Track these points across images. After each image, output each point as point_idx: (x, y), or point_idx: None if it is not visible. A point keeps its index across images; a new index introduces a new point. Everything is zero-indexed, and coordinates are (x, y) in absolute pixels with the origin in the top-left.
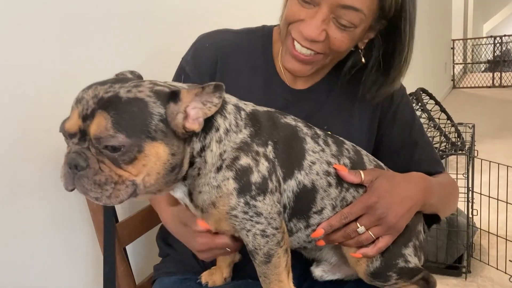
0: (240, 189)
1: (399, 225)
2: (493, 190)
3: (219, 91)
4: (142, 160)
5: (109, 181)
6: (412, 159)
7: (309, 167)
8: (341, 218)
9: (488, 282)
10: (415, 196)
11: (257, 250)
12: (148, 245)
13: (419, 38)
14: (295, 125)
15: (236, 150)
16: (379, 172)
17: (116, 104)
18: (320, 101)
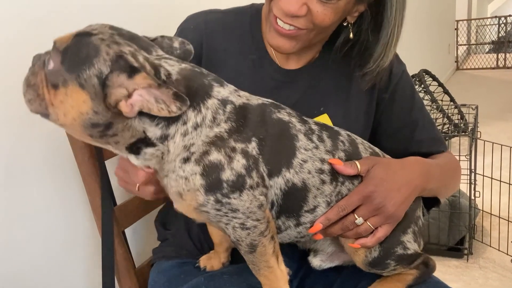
0: (208, 186)
1: (398, 214)
2: (496, 171)
3: (180, 103)
4: (62, 95)
5: (35, 88)
6: (413, 139)
7: (300, 165)
8: (338, 210)
9: (490, 263)
10: (413, 182)
11: (239, 242)
12: (147, 228)
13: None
14: (288, 121)
15: (206, 145)
16: (374, 160)
17: (82, 39)
18: (313, 81)
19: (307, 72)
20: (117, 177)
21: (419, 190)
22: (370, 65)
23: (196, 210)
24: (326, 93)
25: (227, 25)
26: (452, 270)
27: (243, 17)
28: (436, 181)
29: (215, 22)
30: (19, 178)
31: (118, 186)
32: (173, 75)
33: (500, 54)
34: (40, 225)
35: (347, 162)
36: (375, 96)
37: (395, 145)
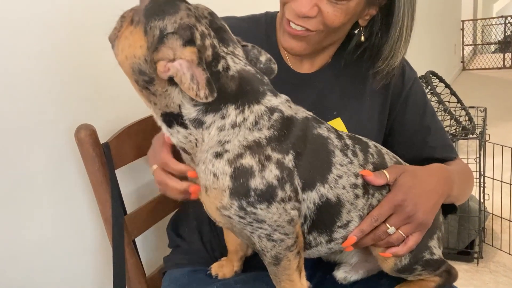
0: (234, 190)
1: (428, 221)
2: (506, 173)
3: (209, 92)
4: (129, 31)
5: (122, 19)
6: (426, 145)
7: (335, 181)
8: (371, 221)
9: (501, 267)
10: (440, 189)
11: (264, 252)
12: (158, 237)
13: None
14: (327, 137)
15: (243, 147)
16: (401, 168)
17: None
18: (327, 85)
19: (320, 76)
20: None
21: (445, 196)
22: (380, 64)
23: (218, 211)
24: (339, 97)
25: (242, 31)
26: (462, 275)
27: (258, 23)
28: (457, 187)
29: (232, 28)
30: (30, 187)
31: (128, 195)
32: (231, 71)
33: (506, 53)
34: (50, 234)
35: (376, 172)
36: (388, 102)
37: (409, 151)
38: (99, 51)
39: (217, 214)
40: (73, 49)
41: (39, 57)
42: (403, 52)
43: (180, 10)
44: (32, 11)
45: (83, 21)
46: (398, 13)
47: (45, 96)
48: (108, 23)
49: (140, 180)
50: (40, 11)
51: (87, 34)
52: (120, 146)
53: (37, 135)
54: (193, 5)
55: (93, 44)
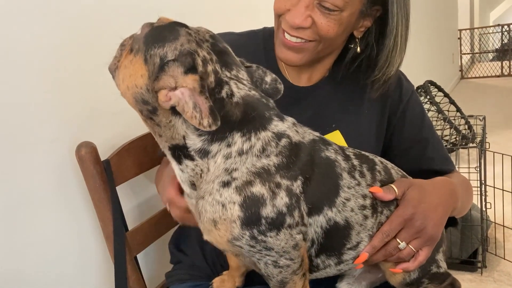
0: (245, 220)
1: (437, 234)
2: (507, 182)
3: (212, 120)
4: (128, 60)
5: (122, 47)
6: (424, 157)
7: (343, 204)
8: (383, 237)
9: (505, 276)
10: (446, 202)
11: (270, 277)
12: (159, 252)
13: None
14: (334, 159)
15: (252, 174)
16: (408, 182)
17: (174, 26)
18: (326, 98)
19: (319, 90)
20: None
21: (451, 209)
22: (376, 73)
23: (229, 243)
24: (338, 110)
25: (241, 45)
26: (467, 284)
27: (256, 38)
28: (461, 200)
29: (230, 43)
30: (31, 204)
31: (129, 211)
32: (235, 97)
33: (504, 62)
34: (52, 252)
35: (385, 187)
36: (386, 115)
37: (407, 163)
38: (100, 67)
39: (228, 246)
40: (73, 66)
41: (40, 75)
42: (398, 61)
43: (180, 36)
44: (32, 29)
45: (84, 39)
46: (392, 23)
47: (46, 114)
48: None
49: (141, 196)
50: (41, 29)
51: (88, 51)
52: (121, 163)
53: (38, 153)
54: (194, 29)
55: (93, 61)
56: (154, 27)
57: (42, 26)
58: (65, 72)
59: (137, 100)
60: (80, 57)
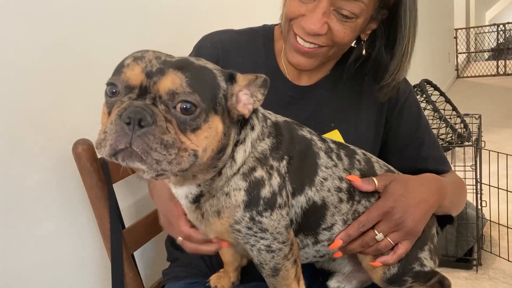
0: (248, 202)
1: (417, 229)
2: (502, 180)
3: (264, 87)
4: (205, 131)
5: (175, 145)
6: (419, 156)
7: (321, 183)
8: (358, 226)
9: (500, 274)
10: (431, 199)
11: (263, 265)
12: (156, 250)
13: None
14: (310, 138)
15: (255, 160)
16: (392, 176)
17: (189, 67)
18: (325, 97)
19: (318, 89)
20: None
21: (436, 206)
22: (387, 78)
23: (229, 228)
24: (336, 109)
25: (241, 43)
26: (462, 282)
27: (256, 36)
28: (450, 197)
29: (230, 41)
30: (29, 202)
31: (126, 209)
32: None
33: (500, 61)
34: (49, 249)
35: (365, 178)
36: (384, 113)
37: (403, 161)
38: (96, 65)
39: (228, 232)
40: (70, 64)
41: (37, 73)
42: (407, 67)
43: (209, 65)
44: (28, 26)
45: (79, 37)
46: (405, 29)
47: (43, 111)
48: (105, 38)
49: (138, 194)
50: (37, 27)
51: (84, 48)
52: None
53: (35, 151)
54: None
55: (89, 58)
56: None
57: (38, 24)
58: (61, 70)
59: (216, 154)
60: (77, 55)
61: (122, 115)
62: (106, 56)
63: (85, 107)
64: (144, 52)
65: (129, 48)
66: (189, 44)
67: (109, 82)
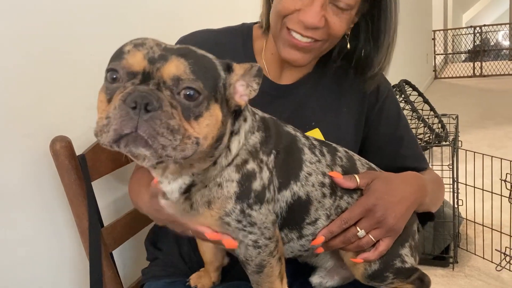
0: (239, 195)
1: (398, 227)
2: (478, 179)
3: (259, 76)
4: (207, 119)
5: (180, 131)
6: (399, 155)
7: (305, 178)
8: (341, 223)
9: (475, 271)
10: (412, 196)
11: (248, 261)
12: (135, 249)
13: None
14: (294, 135)
15: (248, 153)
16: (374, 174)
17: (191, 54)
18: (306, 96)
19: (300, 88)
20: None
21: (417, 204)
22: (375, 68)
23: (219, 221)
24: (318, 108)
25: (219, 44)
26: (439, 279)
27: (235, 35)
28: (430, 196)
29: (209, 41)
30: (6, 200)
31: (104, 207)
32: None
33: (476, 63)
34: (26, 248)
35: (347, 175)
36: (364, 112)
37: (382, 160)
38: (75, 61)
39: (215, 225)
40: (48, 60)
41: (13, 68)
42: (392, 56)
43: (209, 55)
44: (5, 22)
45: (57, 32)
46: (390, 18)
47: (19, 107)
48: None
49: (116, 192)
50: (14, 24)
51: (61, 44)
52: (97, 158)
53: (13, 148)
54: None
55: (68, 55)
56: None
57: (15, 20)
58: (38, 65)
59: (215, 142)
60: (54, 51)
61: (127, 99)
62: (85, 53)
63: (63, 103)
64: (144, 39)
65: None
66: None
67: (109, 68)
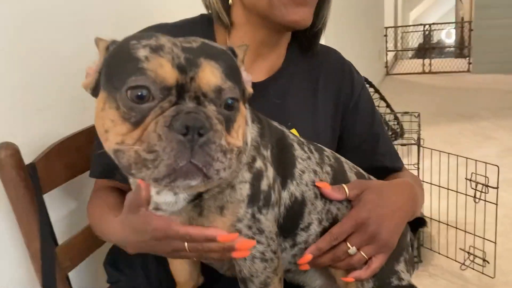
0: (251, 197)
1: (392, 242)
2: (435, 176)
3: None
4: (239, 121)
5: (230, 149)
6: (376, 153)
7: (300, 176)
8: (330, 239)
9: (439, 270)
10: (405, 207)
11: (252, 278)
12: (94, 270)
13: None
14: (282, 130)
15: (253, 148)
16: (364, 184)
17: (217, 54)
18: (281, 94)
19: (272, 85)
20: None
21: (410, 214)
22: (319, 22)
23: (230, 228)
24: (293, 107)
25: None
26: None
27: (194, 28)
28: (420, 203)
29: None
30: None
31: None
32: None
33: (425, 60)
34: None
35: (335, 186)
36: (340, 109)
37: (359, 158)
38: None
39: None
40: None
41: None
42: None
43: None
44: None
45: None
46: None
47: None
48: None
49: (71, 204)
50: None
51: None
52: (49, 167)
53: None
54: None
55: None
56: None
57: None
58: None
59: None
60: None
61: (175, 125)
62: (32, 50)
63: (8, 105)
64: (156, 39)
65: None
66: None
67: (134, 86)
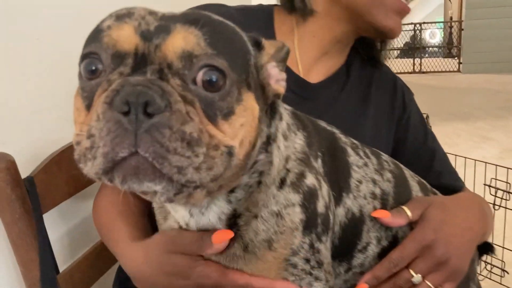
0: (306, 223)
1: (463, 267)
2: None
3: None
4: (241, 116)
5: (202, 139)
6: (432, 170)
7: (356, 188)
8: (389, 266)
9: None
10: (476, 226)
11: None
12: None
13: None
14: (332, 131)
15: (300, 162)
16: (426, 201)
17: (206, 20)
18: (332, 99)
19: (327, 88)
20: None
21: (481, 235)
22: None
23: (284, 263)
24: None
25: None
26: None
27: (254, 17)
28: (491, 223)
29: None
30: None
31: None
32: None
33: (416, 59)
34: None
35: (393, 210)
36: (394, 119)
37: None
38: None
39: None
40: None
41: None
42: None
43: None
44: None
45: None
46: None
47: None
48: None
49: (73, 224)
50: None
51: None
52: (49, 181)
53: None
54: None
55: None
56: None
57: None
58: None
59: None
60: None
61: (114, 100)
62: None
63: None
64: (130, 8)
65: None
66: None
67: (85, 54)
